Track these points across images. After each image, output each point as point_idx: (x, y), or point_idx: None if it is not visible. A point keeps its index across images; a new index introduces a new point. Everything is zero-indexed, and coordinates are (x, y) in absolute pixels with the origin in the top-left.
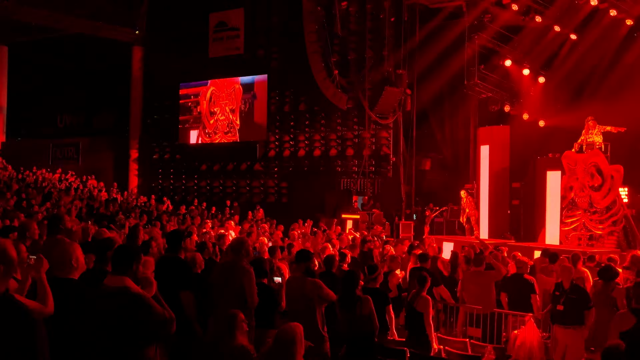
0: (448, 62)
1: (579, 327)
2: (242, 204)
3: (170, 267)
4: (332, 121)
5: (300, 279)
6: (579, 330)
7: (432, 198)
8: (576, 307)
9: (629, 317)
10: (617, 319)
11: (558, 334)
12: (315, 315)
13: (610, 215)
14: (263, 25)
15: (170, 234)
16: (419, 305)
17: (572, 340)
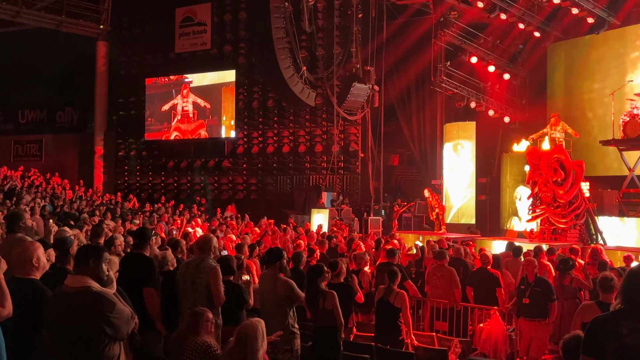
0: (415, 59)
1: (543, 320)
2: (211, 200)
3: (134, 263)
4: (300, 117)
5: (273, 277)
6: (544, 323)
7: (400, 193)
8: (541, 300)
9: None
10: (581, 310)
11: (523, 326)
12: (287, 312)
13: (573, 210)
14: (230, 21)
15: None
16: (396, 300)
17: (536, 332)
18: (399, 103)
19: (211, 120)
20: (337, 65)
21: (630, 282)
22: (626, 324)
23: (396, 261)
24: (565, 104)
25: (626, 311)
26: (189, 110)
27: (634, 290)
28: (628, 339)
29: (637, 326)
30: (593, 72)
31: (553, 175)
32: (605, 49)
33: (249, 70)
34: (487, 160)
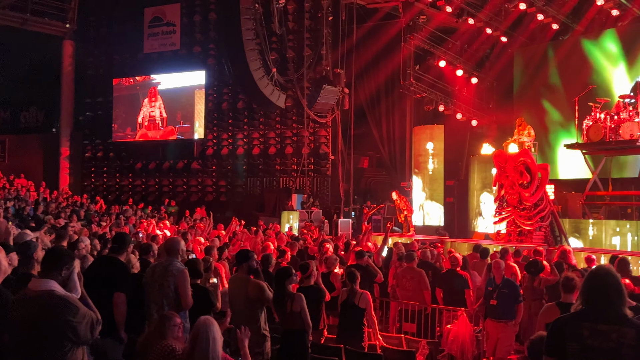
0: (384, 62)
1: (510, 321)
2: (179, 203)
3: (107, 267)
4: (270, 119)
5: (243, 280)
6: (510, 324)
7: (370, 196)
8: (508, 302)
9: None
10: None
11: (490, 327)
12: (258, 315)
13: (538, 212)
14: (200, 22)
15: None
16: (361, 301)
17: (503, 333)
18: (369, 106)
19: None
20: (308, 68)
21: (590, 283)
22: (587, 325)
23: (364, 263)
24: (531, 108)
25: (586, 312)
26: (155, 116)
27: (594, 292)
28: (589, 340)
29: (597, 327)
30: (558, 77)
31: (519, 178)
32: (569, 54)
33: (219, 71)
34: (455, 163)
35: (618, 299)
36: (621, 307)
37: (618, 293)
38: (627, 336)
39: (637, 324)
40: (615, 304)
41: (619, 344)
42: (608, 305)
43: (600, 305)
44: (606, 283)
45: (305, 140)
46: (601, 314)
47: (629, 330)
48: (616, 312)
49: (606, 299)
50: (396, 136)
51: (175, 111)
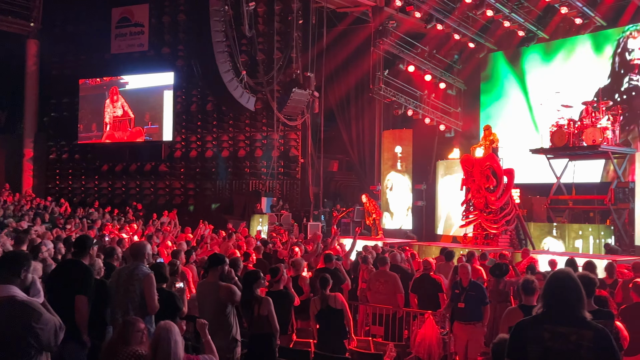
0: (354, 66)
1: (478, 323)
2: (147, 206)
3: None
4: (240, 122)
5: (213, 284)
6: (478, 326)
7: (339, 199)
8: (475, 304)
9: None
10: (506, 314)
11: (458, 330)
12: (229, 320)
13: (504, 215)
14: (169, 23)
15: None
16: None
17: (471, 336)
18: (339, 109)
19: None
20: (278, 71)
21: (550, 286)
22: (548, 328)
23: (333, 266)
24: (497, 113)
25: (547, 315)
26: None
27: (555, 294)
28: (550, 342)
29: (558, 330)
30: (524, 83)
31: (485, 183)
32: (535, 61)
33: (188, 73)
34: (423, 167)
35: (577, 301)
36: (580, 309)
37: (577, 296)
38: (585, 338)
39: (596, 326)
40: (574, 307)
41: (578, 345)
42: (567, 307)
43: (560, 308)
44: (565, 286)
45: (275, 143)
46: (561, 316)
47: (587, 332)
48: (575, 315)
49: (565, 301)
50: (365, 140)
51: (144, 113)
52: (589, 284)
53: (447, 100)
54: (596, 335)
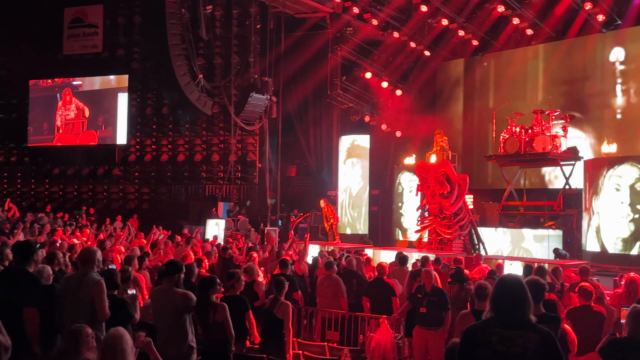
0: (312, 72)
1: (439, 329)
2: (99, 210)
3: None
4: (197, 126)
5: (169, 291)
6: (440, 331)
7: (297, 204)
8: (437, 309)
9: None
10: (459, 319)
11: (419, 335)
12: (185, 327)
13: (458, 221)
14: (124, 24)
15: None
16: (279, 311)
17: (432, 341)
18: (297, 115)
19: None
20: (235, 75)
21: (497, 290)
22: (496, 332)
23: (289, 272)
24: (452, 121)
25: (495, 319)
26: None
27: (501, 299)
28: (498, 346)
29: (506, 334)
30: (477, 91)
31: (440, 188)
32: (487, 69)
33: (143, 75)
34: (380, 173)
35: (524, 306)
36: (526, 313)
37: (524, 300)
38: (531, 341)
39: (542, 330)
40: (521, 311)
41: (525, 349)
42: (514, 312)
43: (507, 312)
44: (512, 290)
45: (232, 148)
46: (508, 320)
47: (533, 336)
48: (522, 319)
49: (512, 305)
50: (323, 145)
51: (97, 115)
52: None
53: (403, 107)
54: (542, 338)
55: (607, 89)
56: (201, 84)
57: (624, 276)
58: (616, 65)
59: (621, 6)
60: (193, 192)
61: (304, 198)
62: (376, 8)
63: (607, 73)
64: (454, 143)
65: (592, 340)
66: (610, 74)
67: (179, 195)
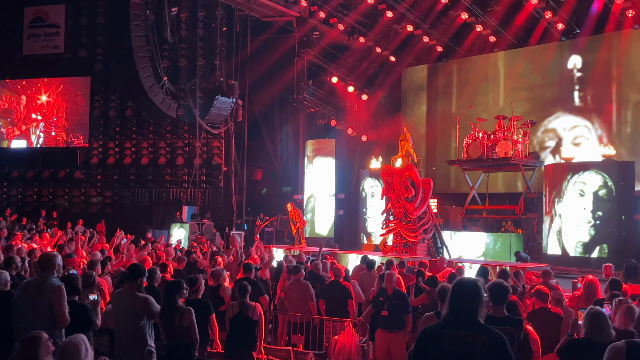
0: (279, 76)
1: (400, 332)
2: (60, 214)
3: None
4: (161, 128)
5: (130, 295)
6: (401, 334)
7: (263, 208)
8: (398, 312)
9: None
10: (423, 320)
11: (381, 338)
12: (144, 331)
13: (422, 224)
14: (87, 25)
15: None
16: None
17: (394, 343)
18: (263, 118)
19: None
20: (201, 77)
21: (452, 292)
22: (447, 332)
23: (252, 276)
24: (417, 125)
25: (449, 320)
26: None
27: (455, 300)
28: (448, 345)
29: (457, 334)
30: (441, 97)
31: (404, 192)
32: (452, 75)
33: (106, 77)
34: (345, 176)
35: (475, 307)
36: (477, 314)
37: (476, 302)
38: (480, 341)
39: (491, 331)
40: (472, 312)
41: (473, 348)
42: (467, 313)
43: (460, 313)
44: (466, 292)
45: (197, 151)
46: (460, 321)
47: (482, 336)
48: (473, 320)
49: (465, 307)
50: (289, 149)
51: (59, 117)
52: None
53: (369, 111)
54: (491, 339)
55: (565, 95)
56: (166, 87)
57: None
58: (574, 73)
59: (579, 16)
60: (157, 195)
61: (270, 201)
62: (342, 13)
63: (566, 80)
64: (419, 148)
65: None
66: (568, 80)
67: (143, 199)
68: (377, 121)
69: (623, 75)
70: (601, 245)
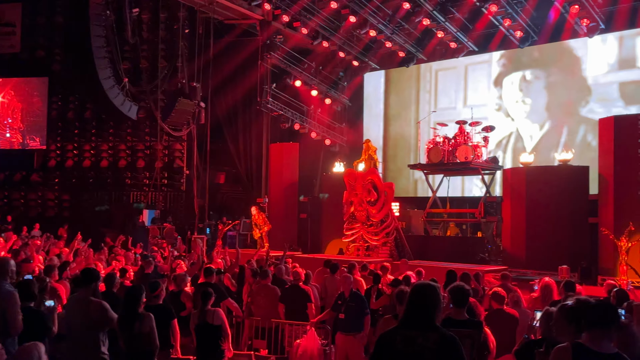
0: (242, 79)
1: (358, 334)
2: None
3: None
4: (121, 131)
5: (85, 300)
6: (358, 336)
7: (226, 212)
8: (356, 315)
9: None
10: (382, 323)
11: (339, 340)
12: (98, 337)
13: (384, 228)
14: (44, 24)
15: None
16: (215, 319)
17: (352, 346)
18: (226, 121)
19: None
20: (162, 79)
21: (410, 294)
22: (401, 333)
23: (214, 280)
24: (380, 130)
25: (404, 321)
26: None
27: (412, 303)
28: (400, 345)
29: (410, 334)
30: (404, 101)
31: (367, 196)
32: (414, 80)
33: (65, 78)
34: (309, 180)
35: (431, 308)
36: (430, 315)
37: (431, 303)
38: (430, 340)
39: (443, 332)
40: (427, 313)
41: (423, 347)
42: (421, 314)
43: (415, 315)
44: (422, 295)
45: (159, 154)
46: (414, 322)
47: (433, 335)
48: (425, 320)
49: (420, 309)
50: (253, 152)
51: (15, 119)
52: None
53: (333, 116)
54: (441, 339)
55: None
56: (126, 88)
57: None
58: (531, 80)
59: (537, 24)
60: (117, 199)
61: (233, 205)
62: (306, 17)
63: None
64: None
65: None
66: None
67: (102, 202)
68: (340, 125)
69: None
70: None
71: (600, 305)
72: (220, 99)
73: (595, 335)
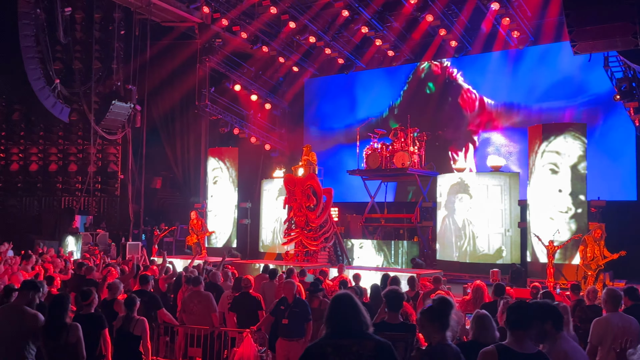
0: (180, 82)
1: (300, 340)
2: None
3: None
4: (52, 134)
5: (17, 309)
6: (300, 343)
7: (162, 217)
8: (298, 321)
9: None
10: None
11: (281, 346)
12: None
13: (323, 233)
14: None
15: None
16: (136, 328)
17: (294, 352)
18: (163, 125)
19: None
20: (96, 81)
21: (332, 306)
22: (331, 343)
23: (149, 288)
24: (319, 135)
25: (331, 333)
26: None
27: (336, 313)
28: (332, 356)
29: (342, 343)
30: (343, 108)
31: (306, 201)
32: (353, 87)
33: None
34: (249, 185)
35: (356, 317)
36: (360, 323)
37: (356, 312)
38: (366, 348)
39: (377, 338)
40: (355, 321)
41: (359, 356)
42: (348, 322)
43: (342, 324)
44: (345, 304)
45: (92, 158)
46: (344, 331)
47: (368, 343)
48: (355, 328)
49: (346, 317)
50: (191, 157)
51: None
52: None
53: (272, 121)
54: (377, 346)
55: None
56: (58, 90)
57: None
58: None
59: (471, 35)
60: (47, 204)
61: (170, 210)
62: (245, 21)
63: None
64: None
65: None
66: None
67: (31, 207)
68: (280, 130)
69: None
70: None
71: (517, 307)
72: (157, 102)
73: (517, 337)
